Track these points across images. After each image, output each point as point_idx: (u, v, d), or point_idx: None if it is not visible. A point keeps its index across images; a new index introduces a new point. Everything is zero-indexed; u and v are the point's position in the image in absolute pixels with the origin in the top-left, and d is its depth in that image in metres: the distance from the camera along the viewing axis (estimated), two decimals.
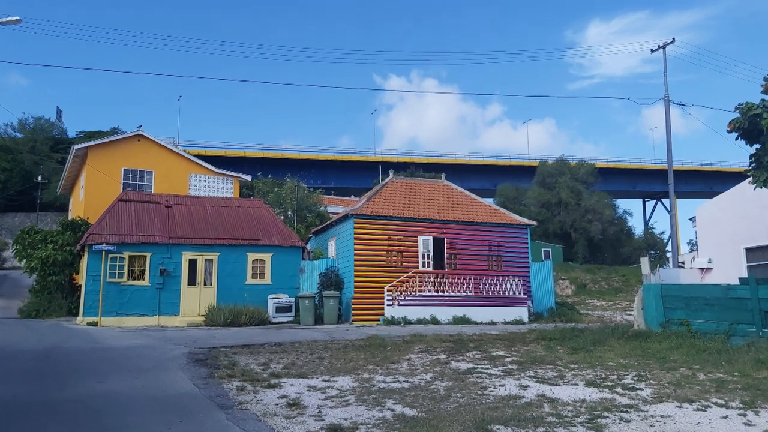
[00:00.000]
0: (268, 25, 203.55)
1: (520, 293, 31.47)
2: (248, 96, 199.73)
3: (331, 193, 66.59)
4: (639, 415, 9.50)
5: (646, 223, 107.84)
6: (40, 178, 65.02)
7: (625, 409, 9.82)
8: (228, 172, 42.71)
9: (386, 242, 31.07)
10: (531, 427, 8.73)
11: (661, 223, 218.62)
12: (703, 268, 26.11)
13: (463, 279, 30.84)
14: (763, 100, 18.25)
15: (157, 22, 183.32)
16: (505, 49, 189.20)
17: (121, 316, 27.54)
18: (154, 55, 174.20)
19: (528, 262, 34.36)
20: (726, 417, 9.47)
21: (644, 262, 26.84)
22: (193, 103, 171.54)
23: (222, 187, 41.47)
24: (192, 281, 29.17)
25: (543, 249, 62.93)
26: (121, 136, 41.14)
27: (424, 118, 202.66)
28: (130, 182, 38.59)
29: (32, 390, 11.20)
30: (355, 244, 30.47)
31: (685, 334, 17.93)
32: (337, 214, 37.00)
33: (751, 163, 19.01)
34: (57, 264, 31.50)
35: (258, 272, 30.40)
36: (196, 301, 28.95)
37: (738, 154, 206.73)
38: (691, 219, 29.70)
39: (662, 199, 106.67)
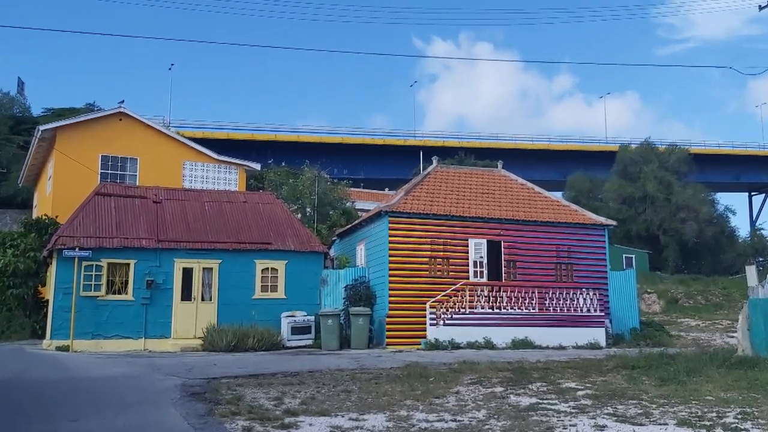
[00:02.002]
0: None
1: (595, 310, 31.23)
2: (257, 66, 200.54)
3: (360, 185, 66.47)
4: None
5: (752, 222, 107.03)
6: None
7: None
8: (232, 159, 42.89)
9: (429, 246, 30.98)
10: None
11: None
12: None
13: (525, 292, 30.66)
14: None
15: None
16: (576, 4, 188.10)
17: (99, 338, 27.72)
18: (140, 13, 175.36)
19: (606, 271, 34.16)
20: None
21: (750, 272, 26.47)
22: (188, 75, 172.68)
23: (224, 177, 41.65)
24: (187, 295, 29.32)
25: (624, 255, 62.66)
26: (98, 115, 41.47)
27: (476, 92, 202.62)
28: (109, 172, 38.82)
29: None
30: (389, 249, 30.43)
31: None
32: (368, 211, 36.96)
33: None
34: (18, 274, 31.70)
35: (269, 284, 30.52)
36: (191, 319, 29.07)
37: None
38: None
39: None
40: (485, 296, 30.15)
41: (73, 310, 27.35)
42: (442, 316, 29.13)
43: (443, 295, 29.68)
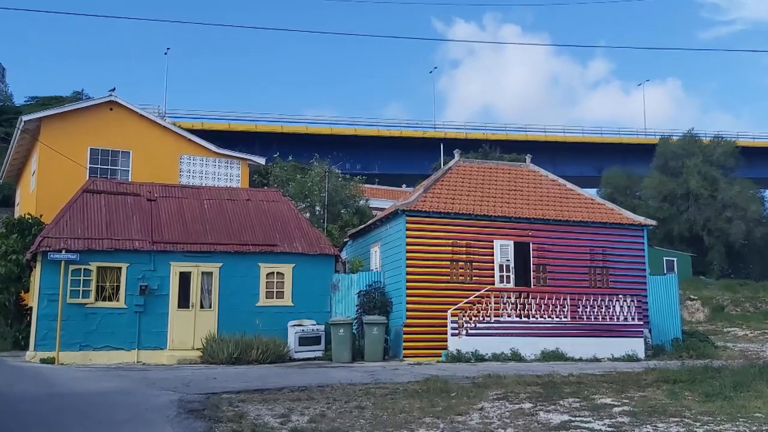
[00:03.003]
0: None
1: (633, 319, 31.16)
2: (261, 52, 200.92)
3: (374, 181, 66.60)
4: None
5: None
6: None
7: None
8: (234, 153, 42.84)
9: (450, 249, 30.97)
10: None
11: None
12: None
13: (556, 299, 30.60)
14: None
15: None
16: None
17: (87, 349, 27.71)
18: None
19: (645, 275, 34.11)
20: None
21: None
22: (185, 61, 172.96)
23: (225, 172, 41.63)
24: (184, 302, 29.29)
25: (665, 258, 62.59)
26: (86, 104, 41.40)
27: (503, 79, 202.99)
28: (99, 166, 38.73)
29: None
30: (407, 252, 30.44)
31: None
32: (383, 210, 36.97)
33: None
34: None
35: (274, 290, 30.49)
36: (189, 329, 29.06)
37: None
38: None
39: None
40: (512, 303, 30.10)
41: (60, 318, 27.32)
42: (465, 325, 29.08)
43: (466, 302, 29.63)
